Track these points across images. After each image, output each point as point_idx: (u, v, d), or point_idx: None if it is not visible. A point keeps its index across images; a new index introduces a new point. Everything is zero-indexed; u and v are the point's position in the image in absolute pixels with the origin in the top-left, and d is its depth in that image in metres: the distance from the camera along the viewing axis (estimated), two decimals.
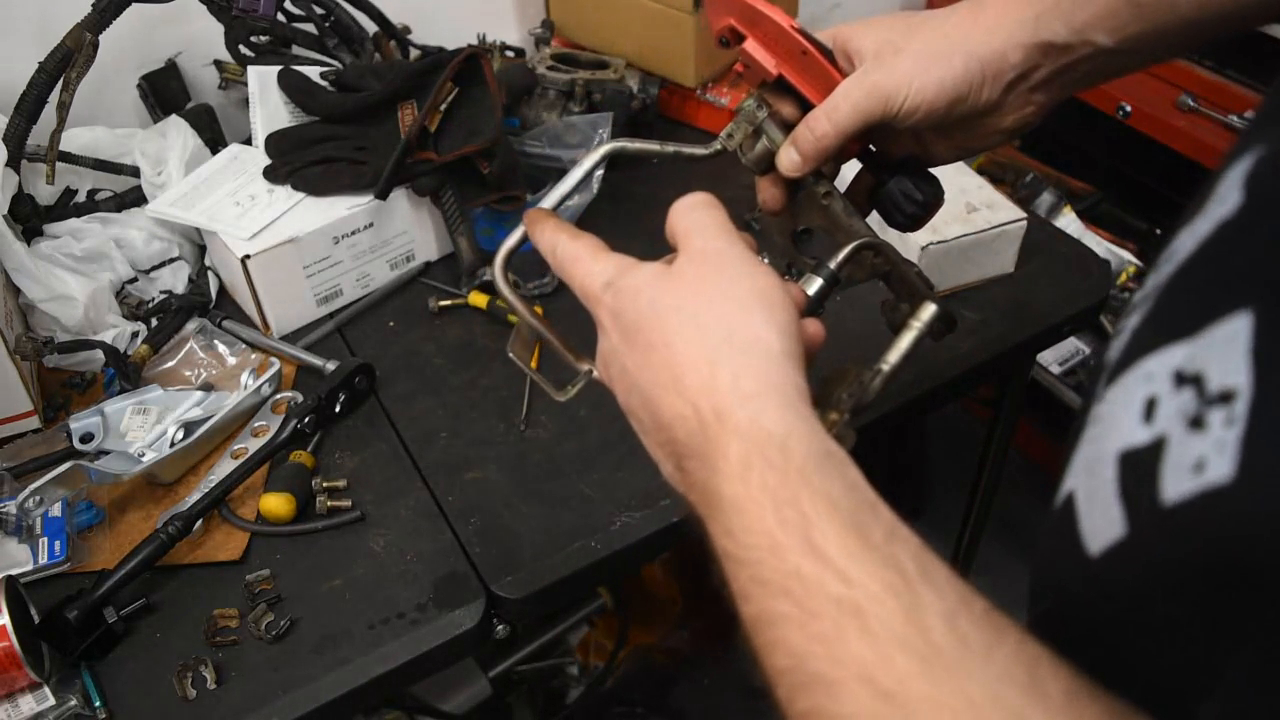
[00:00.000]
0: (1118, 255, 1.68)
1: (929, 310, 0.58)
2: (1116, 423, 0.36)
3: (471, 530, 0.85)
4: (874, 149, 0.66)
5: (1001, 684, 0.34)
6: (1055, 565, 0.40)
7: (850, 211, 0.63)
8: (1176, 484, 0.32)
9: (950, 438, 1.94)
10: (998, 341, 1.01)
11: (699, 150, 0.64)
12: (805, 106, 0.62)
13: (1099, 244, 1.64)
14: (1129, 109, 1.57)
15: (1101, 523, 0.35)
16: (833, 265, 0.59)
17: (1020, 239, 1.05)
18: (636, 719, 1.68)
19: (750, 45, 0.62)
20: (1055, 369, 1.61)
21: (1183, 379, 0.33)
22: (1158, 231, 1.72)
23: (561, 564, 0.82)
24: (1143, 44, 0.58)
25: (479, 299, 1.05)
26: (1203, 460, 0.31)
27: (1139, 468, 0.34)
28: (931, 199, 0.63)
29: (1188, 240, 0.37)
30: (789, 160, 0.62)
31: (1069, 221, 1.61)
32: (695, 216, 0.52)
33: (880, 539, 0.39)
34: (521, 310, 0.60)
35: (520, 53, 1.30)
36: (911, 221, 0.64)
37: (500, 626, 0.82)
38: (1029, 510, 2.03)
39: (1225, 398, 0.31)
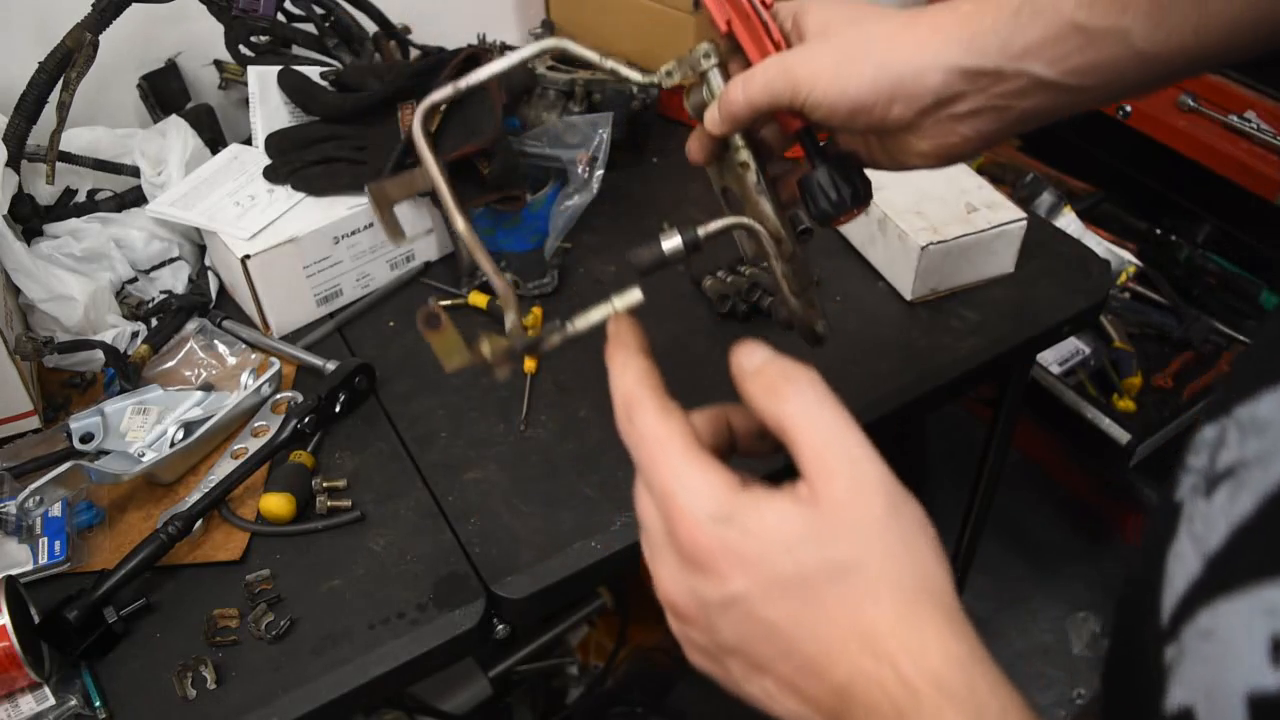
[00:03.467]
0: (1118, 255, 1.68)
1: (630, 294, 0.55)
2: (1237, 652, 0.31)
3: (471, 530, 0.85)
4: (819, 134, 0.64)
5: None
6: None
7: (760, 189, 0.61)
8: None
9: (950, 438, 1.94)
10: (998, 341, 1.01)
11: (635, 74, 0.62)
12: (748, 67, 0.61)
13: (1099, 244, 1.64)
14: (1129, 109, 1.57)
15: None
16: (700, 232, 0.57)
17: (1020, 239, 1.05)
18: (636, 719, 1.68)
19: None
20: (1055, 369, 1.61)
21: None
22: (1157, 231, 1.72)
23: (561, 564, 0.82)
24: (1091, 78, 0.52)
25: (479, 299, 1.05)
26: None
27: (1272, 717, 0.30)
28: (849, 199, 0.60)
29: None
30: (710, 116, 0.60)
31: (1069, 221, 1.61)
32: (819, 420, 0.41)
33: None
34: (431, 169, 0.58)
35: None
36: (824, 216, 0.61)
37: (500, 626, 0.82)
38: (1029, 510, 2.03)
39: None
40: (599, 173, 1.11)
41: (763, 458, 0.48)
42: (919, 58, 0.54)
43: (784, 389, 0.42)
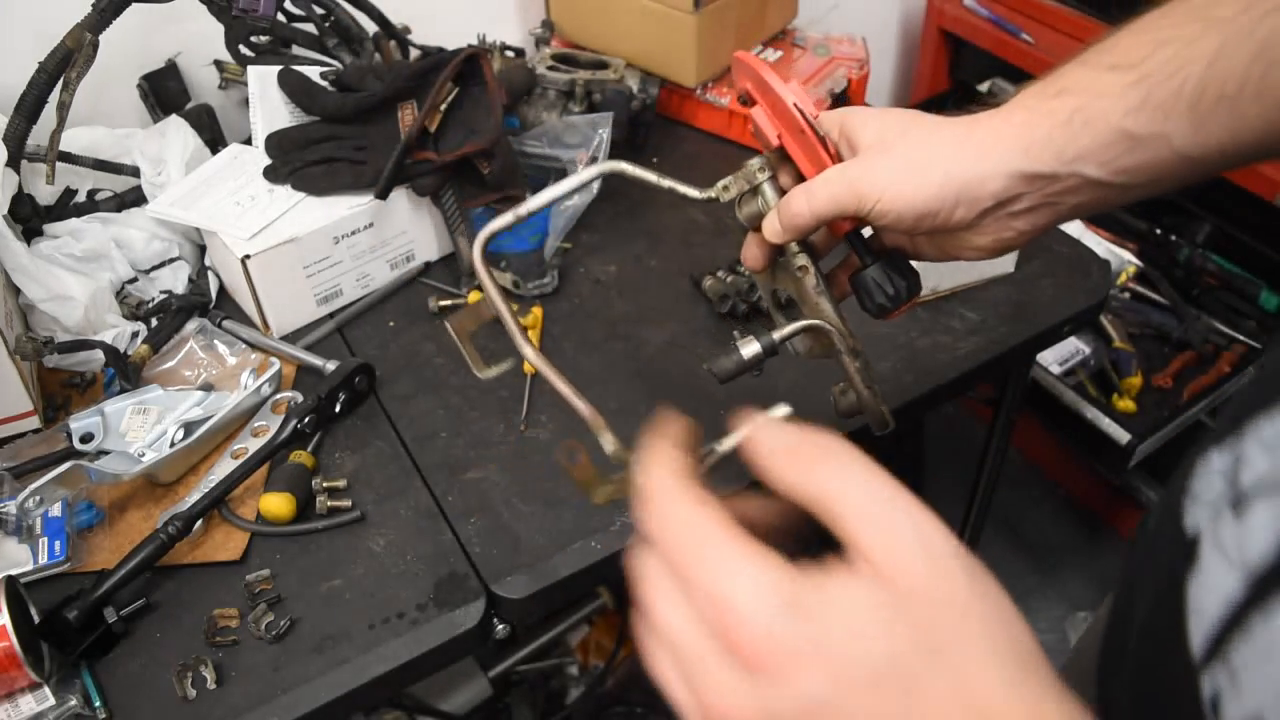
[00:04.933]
0: (1118, 255, 1.68)
1: (779, 409, 0.48)
2: None
3: (471, 530, 0.85)
4: (865, 233, 0.67)
5: None
6: None
7: (820, 290, 0.65)
8: None
9: (950, 438, 1.94)
10: (998, 341, 1.01)
11: (693, 192, 0.65)
12: (801, 179, 0.64)
13: (1099, 244, 1.64)
14: None
15: None
16: (775, 336, 0.63)
17: None
18: (636, 719, 1.68)
19: (757, 112, 0.64)
20: (1055, 369, 1.61)
21: None
22: (1157, 231, 1.72)
23: (561, 564, 0.82)
24: (1137, 177, 0.56)
25: (479, 299, 1.05)
26: None
27: None
28: (904, 293, 0.64)
29: None
30: (770, 227, 0.63)
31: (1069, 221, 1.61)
32: (874, 493, 0.37)
33: None
34: (495, 299, 0.60)
35: (520, 53, 1.30)
36: (880, 310, 0.65)
37: (500, 626, 0.82)
38: (1029, 510, 2.03)
39: None
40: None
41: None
42: (981, 165, 0.57)
43: (824, 464, 0.38)
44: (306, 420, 0.89)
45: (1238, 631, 0.34)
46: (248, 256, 0.97)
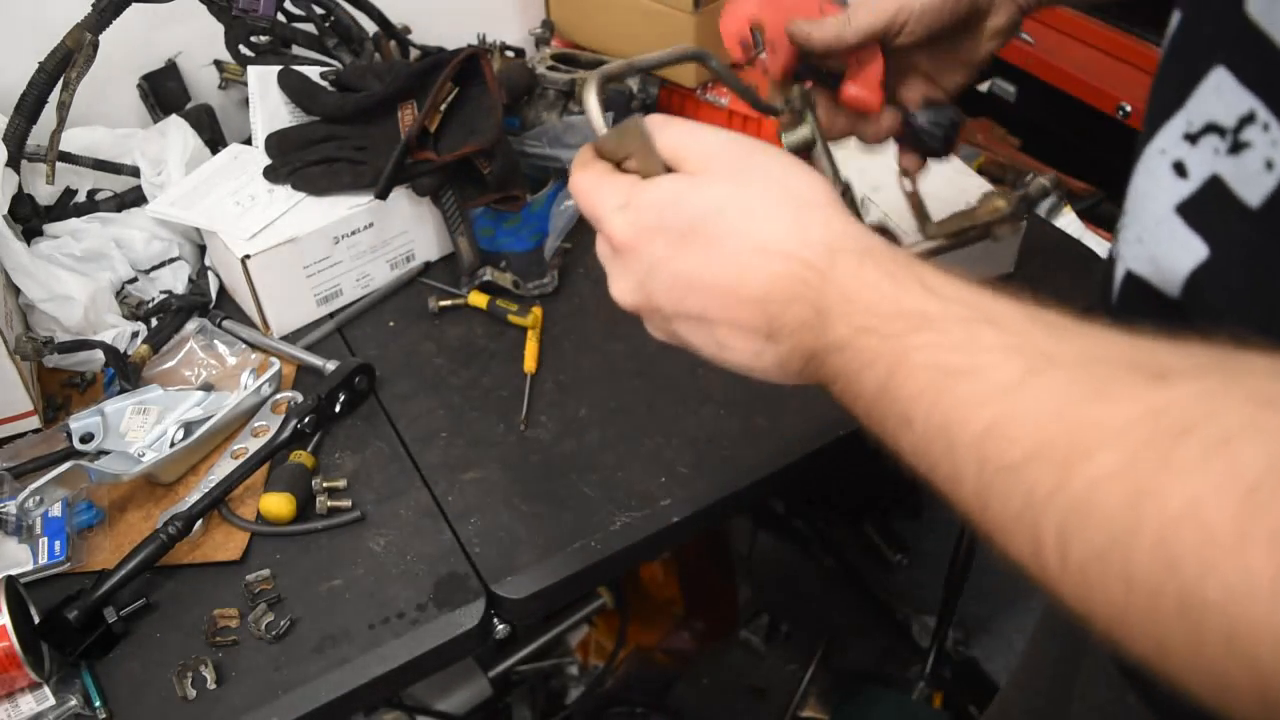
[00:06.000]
0: None
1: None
2: (1153, 195, 0.48)
3: (471, 530, 0.85)
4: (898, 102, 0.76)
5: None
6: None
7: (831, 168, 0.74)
8: (1256, 189, 0.42)
9: None
10: None
11: (769, 105, 0.72)
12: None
13: (1099, 244, 1.63)
14: (1129, 109, 1.57)
15: (1180, 257, 0.47)
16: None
17: (1020, 239, 1.05)
18: (636, 719, 1.68)
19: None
20: None
21: (1192, 136, 0.45)
22: None
23: (561, 564, 0.82)
24: None
25: (479, 299, 1.05)
26: (1271, 160, 0.41)
27: (1203, 205, 0.45)
28: (955, 120, 0.73)
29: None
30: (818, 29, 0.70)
31: (1069, 221, 1.61)
32: (673, 130, 0.50)
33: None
34: (600, 126, 0.60)
35: (520, 53, 1.30)
36: (944, 144, 0.74)
37: (500, 626, 0.82)
38: None
39: (1247, 120, 0.42)
40: None
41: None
42: None
43: (669, 129, 0.50)
44: (306, 420, 0.89)
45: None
46: (248, 256, 0.97)
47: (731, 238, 0.46)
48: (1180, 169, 0.47)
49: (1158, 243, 0.49)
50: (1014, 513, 0.36)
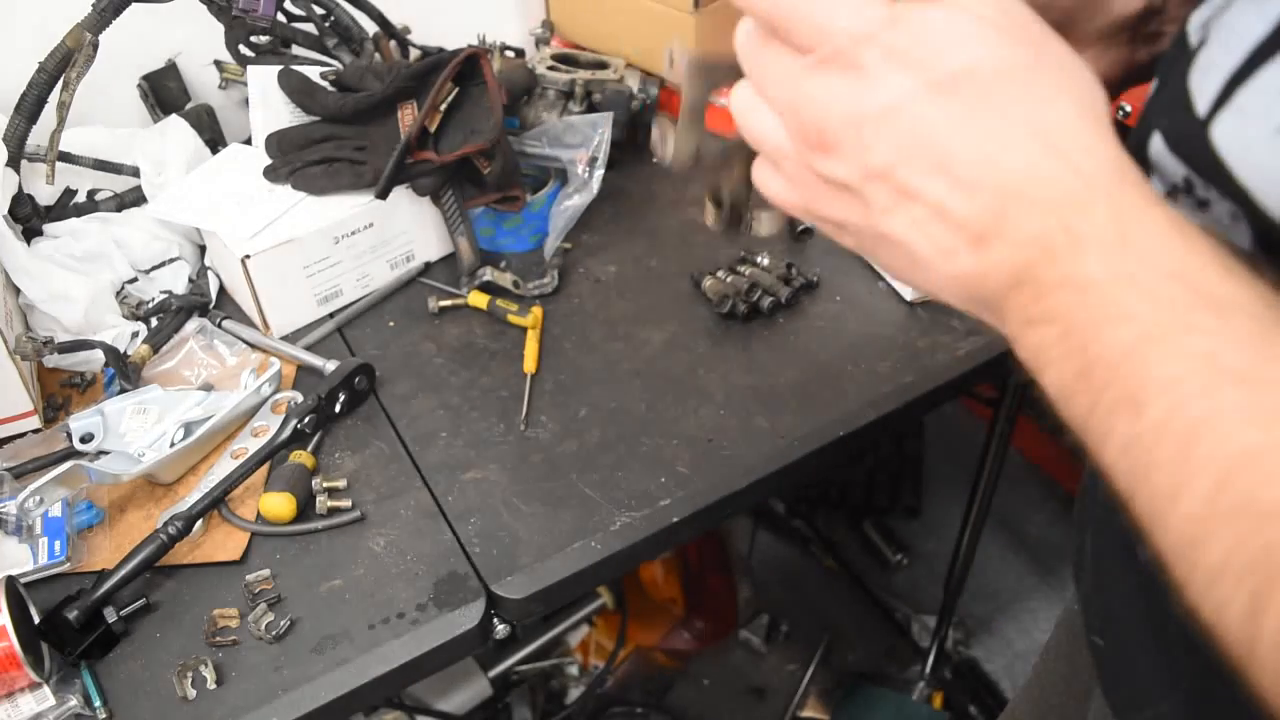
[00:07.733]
0: None
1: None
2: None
3: (471, 530, 0.85)
4: None
5: None
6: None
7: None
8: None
9: (950, 438, 1.94)
10: (998, 341, 1.01)
11: None
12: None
13: None
14: (1129, 109, 1.57)
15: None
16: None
17: None
18: (636, 719, 1.68)
19: None
20: None
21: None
22: None
23: (561, 564, 0.82)
24: None
25: (479, 299, 1.05)
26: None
27: None
28: None
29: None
30: None
31: None
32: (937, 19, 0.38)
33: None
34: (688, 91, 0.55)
35: (520, 53, 1.30)
36: None
37: (500, 626, 0.82)
38: (1029, 510, 2.03)
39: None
40: (599, 173, 1.11)
41: None
42: None
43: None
44: (306, 420, 0.89)
45: (1226, 100, 0.39)
46: (248, 256, 0.97)
47: (1015, 106, 0.37)
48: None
49: None
50: (1244, 563, 0.29)
